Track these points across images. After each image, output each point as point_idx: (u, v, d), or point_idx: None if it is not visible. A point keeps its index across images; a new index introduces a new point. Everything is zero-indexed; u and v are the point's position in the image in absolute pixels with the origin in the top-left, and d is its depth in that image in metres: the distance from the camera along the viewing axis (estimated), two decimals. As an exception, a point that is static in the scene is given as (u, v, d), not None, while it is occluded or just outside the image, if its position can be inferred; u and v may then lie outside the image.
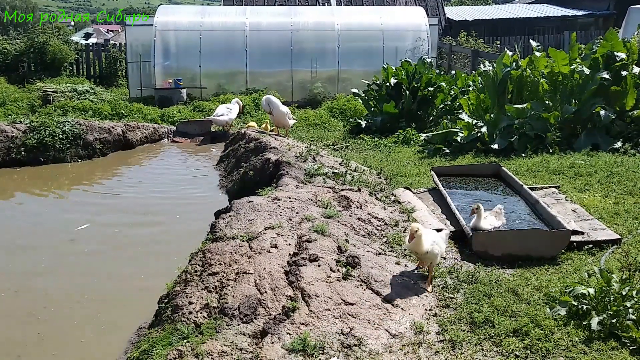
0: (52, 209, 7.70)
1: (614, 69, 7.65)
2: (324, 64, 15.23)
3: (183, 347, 3.20)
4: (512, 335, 3.31)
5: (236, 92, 14.56)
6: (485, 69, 9.22)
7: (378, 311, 3.54)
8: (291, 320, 3.37)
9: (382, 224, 5.02)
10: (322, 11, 16.92)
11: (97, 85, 16.45)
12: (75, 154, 9.99)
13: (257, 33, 15.28)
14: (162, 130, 11.71)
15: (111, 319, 4.58)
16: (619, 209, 5.20)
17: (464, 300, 3.73)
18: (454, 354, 3.20)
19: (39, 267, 5.63)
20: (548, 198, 5.53)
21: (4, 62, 16.99)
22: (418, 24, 15.76)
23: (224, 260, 3.97)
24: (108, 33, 54.93)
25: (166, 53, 15.13)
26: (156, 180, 8.85)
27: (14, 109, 12.83)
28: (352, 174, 6.65)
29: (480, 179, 6.31)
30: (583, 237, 4.57)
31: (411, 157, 8.34)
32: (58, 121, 10.15)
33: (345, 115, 12.43)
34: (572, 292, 3.51)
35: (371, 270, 3.93)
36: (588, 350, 3.15)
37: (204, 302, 3.59)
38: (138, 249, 6.06)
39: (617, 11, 22.64)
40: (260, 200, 5.20)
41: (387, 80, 10.95)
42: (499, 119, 8.12)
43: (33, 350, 4.17)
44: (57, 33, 18.21)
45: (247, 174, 7.47)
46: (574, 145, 7.55)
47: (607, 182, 5.97)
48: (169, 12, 16.05)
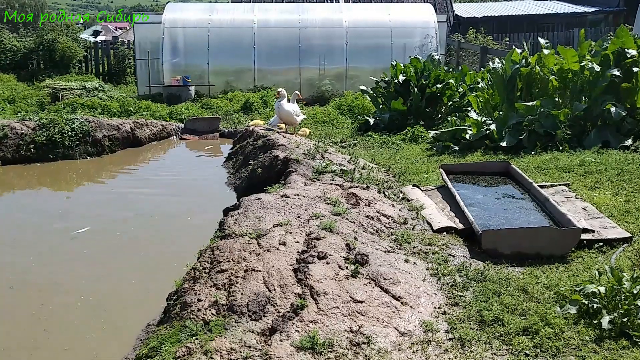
0: (58, 206, 7.73)
1: (625, 65, 7.58)
2: (332, 61, 15.20)
3: (192, 344, 3.20)
4: (521, 334, 3.29)
5: (244, 90, 14.58)
6: (494, 66, 9.17)
7: (387, 309, 3.53)
8: (300, 318, 3.36)
9: (390, 222, 5.00)
10: (330, 8, 16.89)
11: (106, 82, 16.51)
12: (84, 151, 10.04)
13: (265, 30, 15.28)
14: (171, 128, 11.75)
15: (120, 316, 4.60)
16: (629, 206, 5.15)
17: (473, 299, 3.71)
18: (463, 353, 3.19)
19: (44, 262, 5.66)
20: (558, 196, 5.49)
21: (13, 59, 17.08)
22: (426, 20, 15.70)
23: (232, 258, 3.97)
24: (116, 30, 55.10)
25: (174, 50, 15.16)
26: (164, 178, 8.87)
27: (23, 106, 12.90)
28: (360, 172, 6.63)
29: (489, 176, 6.28)
30: (593, 235, 4.54)
31: (420, 154, 8.31)
32: (67, 118, 10.20)
33: (353, 113, 12.41)
34: (582, 291, 3.48)
35: (380, 268, 3.92)
36: (599, 349, 3.13)
37: (212, 299, 3.59)
38: (146, 246, 6.08)
39: (628, 7, 22.45)
40: (268, 197, 5.20)
41: (395, 77, 10.92)
42: (508, 116, 8.08)
43: (44, 345, 4.19)
44: (66, 31, 18.25)
45: (255, 171, 7.47)
46: (584, 142, 7.50)
47: (618, 179, 5.92)
48: (177, 10, 16.07)
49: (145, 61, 15.47)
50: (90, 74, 17.82)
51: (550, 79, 8.13)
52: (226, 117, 12.71)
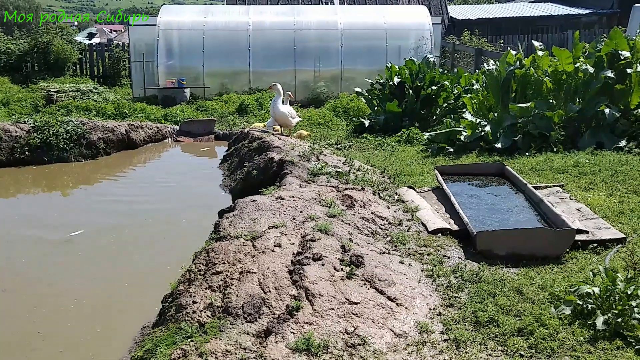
0: (54, 209, 7.70)
1: (619, 67, 7.62)
2: (327, 63, 15.23)
3: (187, 346, 3.19)
4: (516, 335, 3.30)
5: (239, 92, 14.58)
6: (488, 67, 9.20)
7: (382, 310, 3.53)
8: (295, 319, 3.36)
9: (385, 223, 5.01)
10: (325, 10, 16.91)
11: (101, 85, 16.49)
12: (79, 153, 10.00)
13: (260, 32, 15.29)
14: (166, 130, 11.73)
15: (115, 318, 4.58)
16: (623, 207, 5.18)
17: (468, 300, 3.72)
18: (458, 354, 3.19)
19: (37, 264, 5.63)
20: (552, 197, 5.51)
21: (7, 62, 17.03)
22: (421, 22, 15.74)
23: (227, 260, 3.97)
24: (111, 33, 55.04)
25: (169, 52, 15.15)
26: (159, 180, 8.85)
27: (17, 108, 12.86)
28: (355, 173, 6.64)
29: (484, 177, 6.30)
30: (588, 236, 4.56)
31: (414, 156, 8.33)
32: (62, 121, 10.17)
33: (348, 115, 12.42)
34: (577, 291, 3.49)
35: (375, 270, 3.92)
36: (593, 350, 3.14)
37: (207, 301, 3.59)
38: (141, 248, 6.07)
39: (621, 10, 22.55)
40: (263, 199, 5.19)
41: (390, 79, 10.94)
42: (503, 117, 8.10)
43: (39, 347, 4.18)
44: (61, 33, 18.25)
45: (251, 173, 7.47)
46: (578, 144, 7.53)
47: (612, 180, 5.95)
48: (172, 12, 16.07)
49: (140, 63, 15.46)
50: (85, 76, 17.79)
51: (545, 80, 8.16)
52: (221, 119, 12.69)
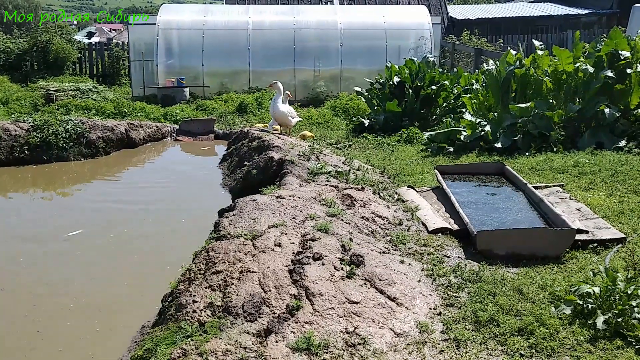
0: (53, 208, 7.70)
1: (619, 67, 7.62)
2: (327, 62, 15.22)
3: (187, 346, 3.19)
4: (517, 334, 3.30)
5: (239, 91, 14.58)
6: (488, 67, 9.19)
7: (382, 310, 3.53)
8: (295, 319, 3.36)
9: (385, 223, 5.01)
10: (325, 10, 16.91)
11: (100, 84, 16.49)
12: (79, 152, 10.00)
13: (259, 32, 15.28)
14: (165, 129, 11.72)
15: (114, 318, 4.58)
16: (623, 207, 5.18)
17: (468, 299, 3.72)
18: (458, 353, 3.19)
19: (36, 264, 5.63)
20: (552, 197, 5.51)
21: (7, 60, 17.01)
22: (421, 22, 15.74)
23: (227, 259, 3.96)
24: (111, 32, 54.98)
25: (169, 52, 15.14)
26: (158, 179, 8.85)
27: (17, 107, 12.85)
28: (355, 173, 6.64)
29: (484, 177, 6.30)
30: (588, 235, 4.56)
31: (414, 155, 8.33)
32: (61, 120, 10.17)
33: (348, 114, 12.42)
34: (577, 291, 3.49)
35: (375, 269, 3.92)
36: (593, 350, 3.14)
37: (207, 300, 3.58)
38: (141, 248, 6.06)
39: (621, 10, 22.56)
40: (263, 198, 5.19)
41: (390, 79, 10.94)
42: (503, 117, 8.10)
43: (39, 346, 4.17)
44: (60, 32, 18.21)
45: (251, 172, 7.46)
46: (578, 143, 7.53)
47: (612, 180, 5.95)
48: (171, 11, 16.06)
49: (139, 62, 15.44)
50: (85, 75, 17.77)
51: (545, 80, 8.16)
52: (221, 118, 12.69)
